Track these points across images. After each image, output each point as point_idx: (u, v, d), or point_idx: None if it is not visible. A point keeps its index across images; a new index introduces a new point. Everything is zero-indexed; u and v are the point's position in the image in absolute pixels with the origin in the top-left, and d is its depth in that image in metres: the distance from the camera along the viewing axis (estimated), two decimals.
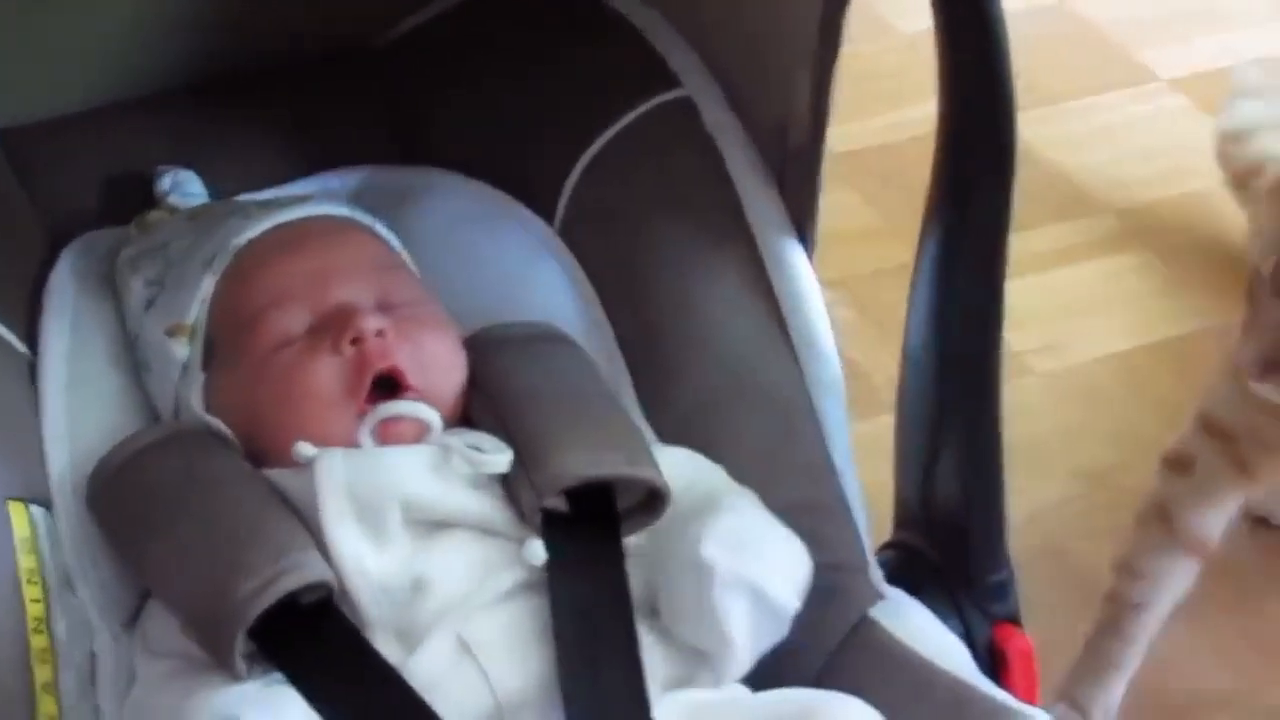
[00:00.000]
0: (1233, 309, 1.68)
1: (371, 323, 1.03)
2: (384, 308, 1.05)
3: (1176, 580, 1.38)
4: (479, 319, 1.11)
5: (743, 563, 0.95)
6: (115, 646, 0.99)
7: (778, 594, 0.95)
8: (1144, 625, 1.39)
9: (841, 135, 1.80)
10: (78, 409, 1.08)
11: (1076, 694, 1.40)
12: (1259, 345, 1.18)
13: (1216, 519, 1.36)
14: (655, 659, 0.96)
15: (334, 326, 1.03)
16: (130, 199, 1.17)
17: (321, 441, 1.01)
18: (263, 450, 1.04)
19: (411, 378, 1.03)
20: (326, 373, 1.03)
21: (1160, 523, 1.37)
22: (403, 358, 1.03)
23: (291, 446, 1.00)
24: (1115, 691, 1.40)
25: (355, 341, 1.02)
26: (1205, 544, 1.37)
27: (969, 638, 1.03)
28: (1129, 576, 1.38)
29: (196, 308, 1.08)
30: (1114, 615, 1.39)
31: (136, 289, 1.12)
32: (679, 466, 1.03)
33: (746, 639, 0.94)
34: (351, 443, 1.01)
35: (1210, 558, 1.37)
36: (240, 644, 0.91)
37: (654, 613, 1.00)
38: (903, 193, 1.02)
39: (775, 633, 0.96)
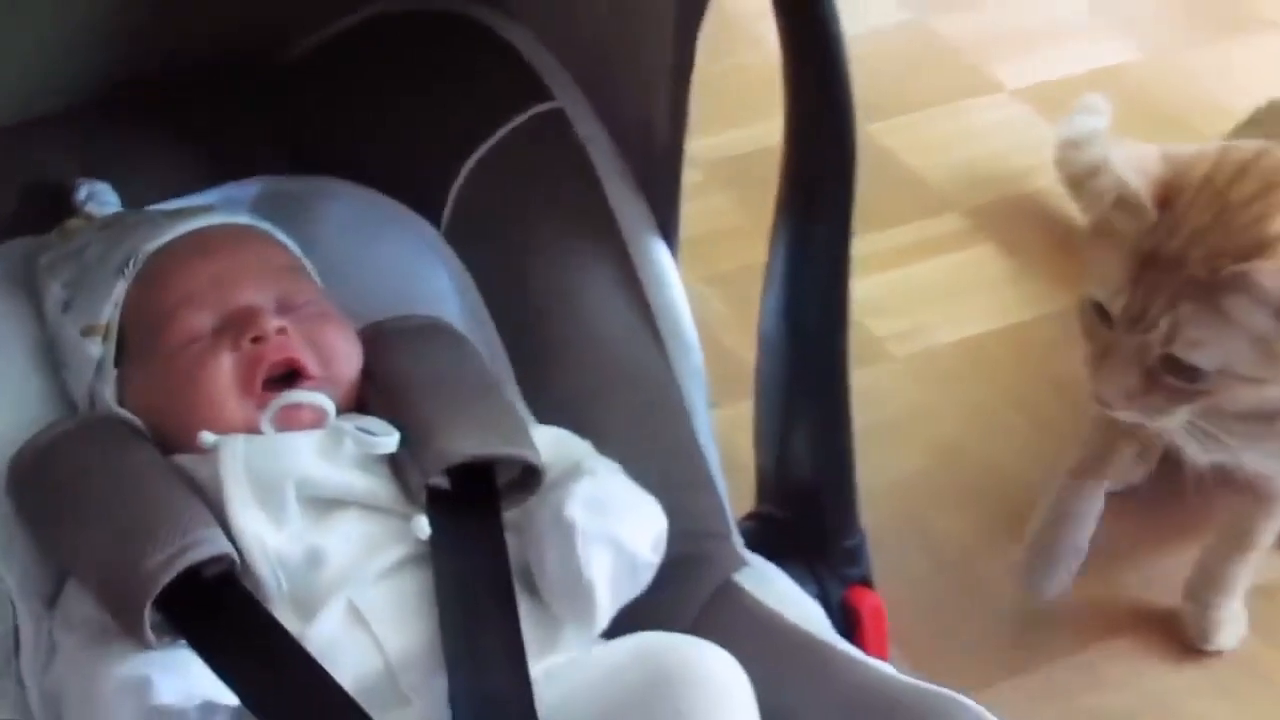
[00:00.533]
0: (1071, 296, 1.72)
1: (272, 322, 1.03)
2: (284, 307, 1.06)
3: (1085, 498, 1.42)
4: (372, 315, 1.12)
5: (603, 521, 0.95)
6: (36, 624, 0.98)
7: (637, 548, 0.96)
8: (1077, 526, 1.42)
9: (721, 143, 1.85)
10: None
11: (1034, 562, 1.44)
12: (1119, 380, 1.18)
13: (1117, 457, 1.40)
14: (530, 625, 0.97)
15: (236, 325, 1.04)
16: (47, 210, 1.16)
17: (225, 430, 1.01)
18: (171, 439, 1.03)
19: (311, 369, 1.04)
20: (228, 367, 1.03)
21: (1079, 464, 1.42)
22: (302, 351, 1.03)
23: (197, 435, 1.00)
24: (1061, 568, 1.43)
25: (256, 340, 1.03)
26: (1104, 473, 1.41)
27: (824, 599, 1.05)
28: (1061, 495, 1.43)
29: (110, 309, 1.07)
30: (1053, 513, 1.43)
31: (54, 291, 1.11)
32: (547, 444, 1.04)
33: (607, 591, 0.95)
34: (254, 430, 1.01)
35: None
36: (149, 614, 0.91)
37: (531, 584, 1.00)
38: (770, 195, 1.03)
39: (634, 587, 0.97)
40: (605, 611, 0.96)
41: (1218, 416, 1.24)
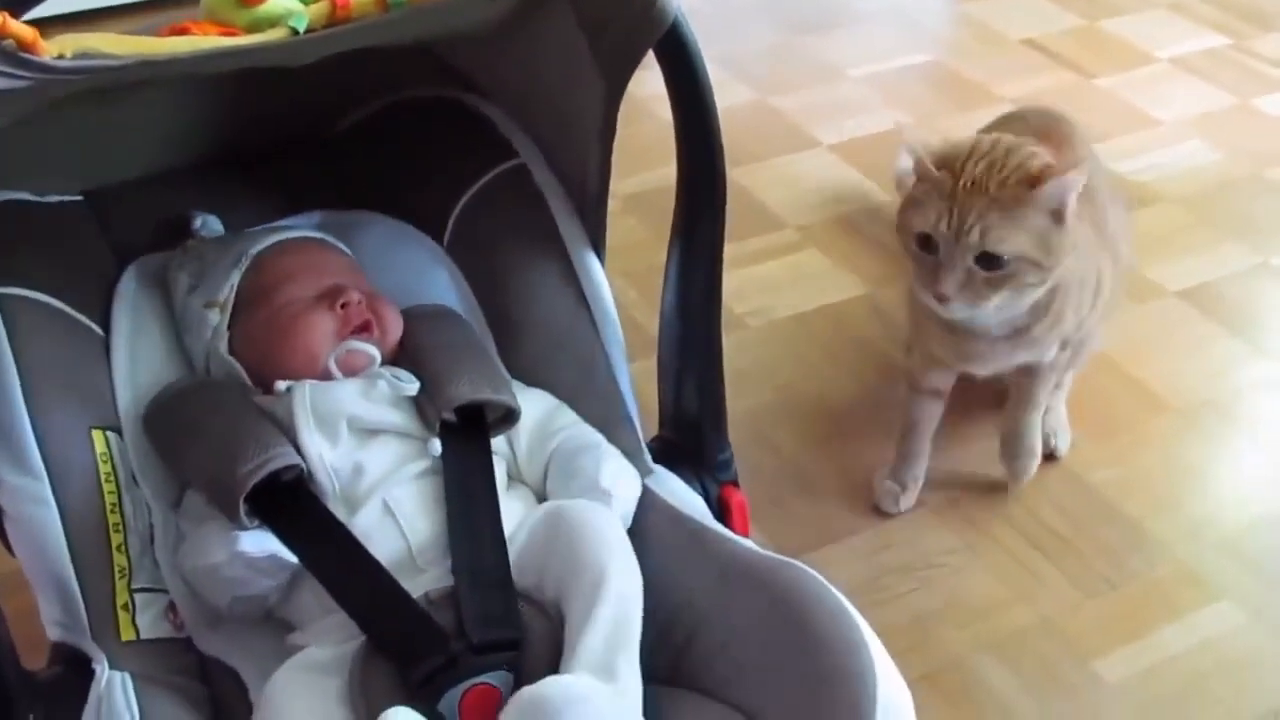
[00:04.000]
0: (869, 285, 1.74)
1: (355, 295, 1.04)
2: (356, 288, 1.06)
3: (931, 409, 1.41)
4: (399, 303, 1.10)
5: (622, 489, 0.99)
6: (165, 520, 0.97)
7: (628, 509, 0.99)
8: (922, 435, 1.41)
9: (633, 183, 1.85)
10: (136, 367, 1.05)
11: (897, 474, 1.42)
12: (953, 278, 1.17)
13: (939, 376, 1.38)
14: (513, 504, 0.98)
15: (331, 295, 1.04)
16: (174, 234, 1.14)
17: (299, 373, 1.01)
18: (261, 381, 1.03)
19: (374, 329, 1.04)
20: (325, 320, 1.03)
21: (910, 382, 1.41)
22: (369, 316, 1.04)
23: (275, 385, 1.00)
24: (918, 470, 1.42)
25: (344, 306, 1.03)
26: (938, 390, 1.40)
27: (705, 495, 1.05)
28: (905, 409, 1.41)
29: (227, 290, 1.06)
30: (906, 430, 1.41)
31: (182, 281, 1.09)
32: (543, 399, 1.06)
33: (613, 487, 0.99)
34: (324, 371, 1.01)
35: (945, 395, 1.41)
36: (243, 506, 0.91)
37: (510, 478, 1.02)
38: (668, 218, 1.03)
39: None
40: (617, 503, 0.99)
41: (982, 342, 1.28)
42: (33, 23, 0.73)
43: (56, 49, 0.74)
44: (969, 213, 1.15)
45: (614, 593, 0.86)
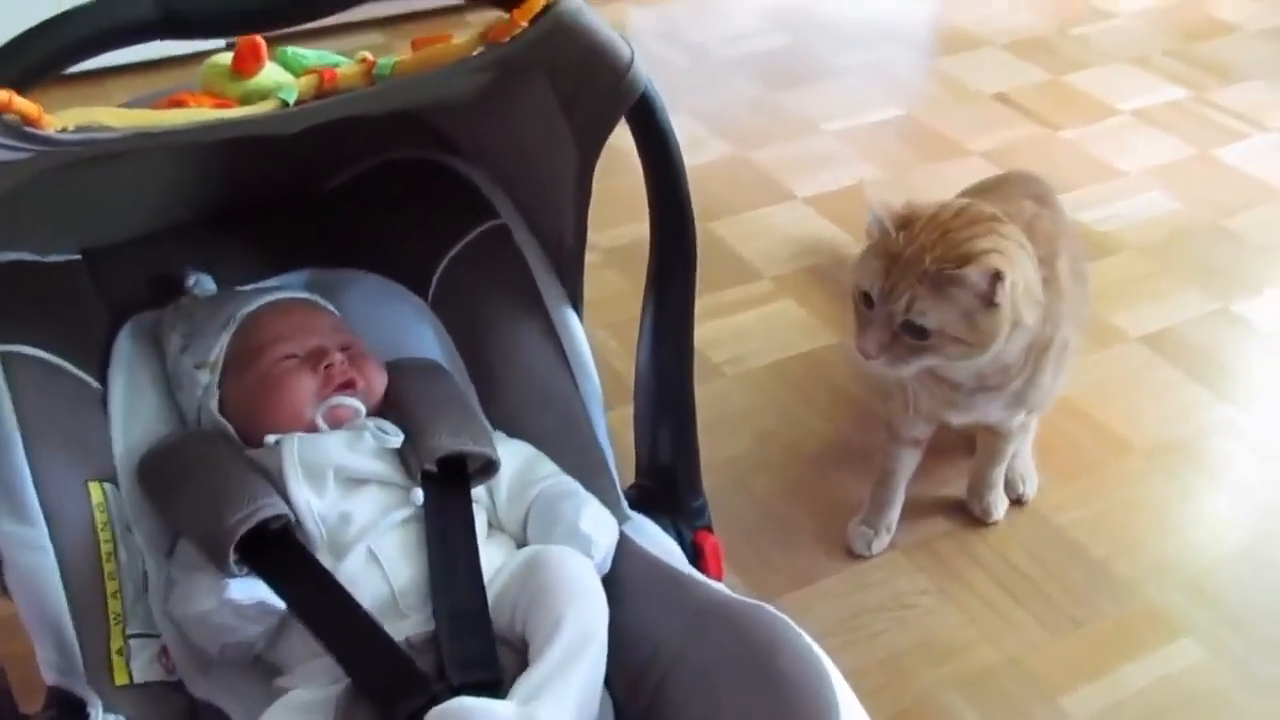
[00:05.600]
0: (842, 334, 1.74)
1: (338, 356, 1.06)
2: (340, 348, 1.07)
3: (909, 459, 1.42)
4: (385, 356, 1.12)
5: (601, 536, 1.00)
6: (158, 568, 0.98)
7: (607, 554, 1.01)
8: (898, 483, 1.42)
9: (610, 235, 1.86)
10: (131, 421, 1.07)
11: (870, 519, 1.43)
12: (876, 337, 1.19)
13: (919, 427, 1.40)
14: (492, 551, 0.99)
15: (315, 356, 1.06)
16: (167, 292, 1.15)
17: (288, 427, 1.02)
18: (249, 437, 1.04)
19: (358, 384, 1.05)
20: (309, 380, 1.04)
21: (890, 432, 1.42)
22: (355, 375, 1.05)
23: (264, 437, 1.01)
24: (891, 516, 1.43)
25: (328, 366, 1.05)
26: (917, 440, 1.41)
27: (680, 540, 1.06)
28: (884, 458, 1.42)
29: (216, 351, 1.07)
30: (882, 478, 1.42)
31: (174, 340, 1.10)
32: (522, 450, 1.07)
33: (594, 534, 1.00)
34: (310, 425, 1.02)
35: (923, 445, 1.42)
36: (232, 555, 0.92)
37: (490, 525, 1.03)
38: (644, 271, 1.05)
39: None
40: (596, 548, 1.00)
41: (961, 392, 1.29)
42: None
43: (60, 122, 0.77)
44: (901, 280, 1.17)
45: (569, 632, 0.88)
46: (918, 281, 1.16)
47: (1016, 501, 1.49)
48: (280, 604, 0.92)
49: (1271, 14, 2.79)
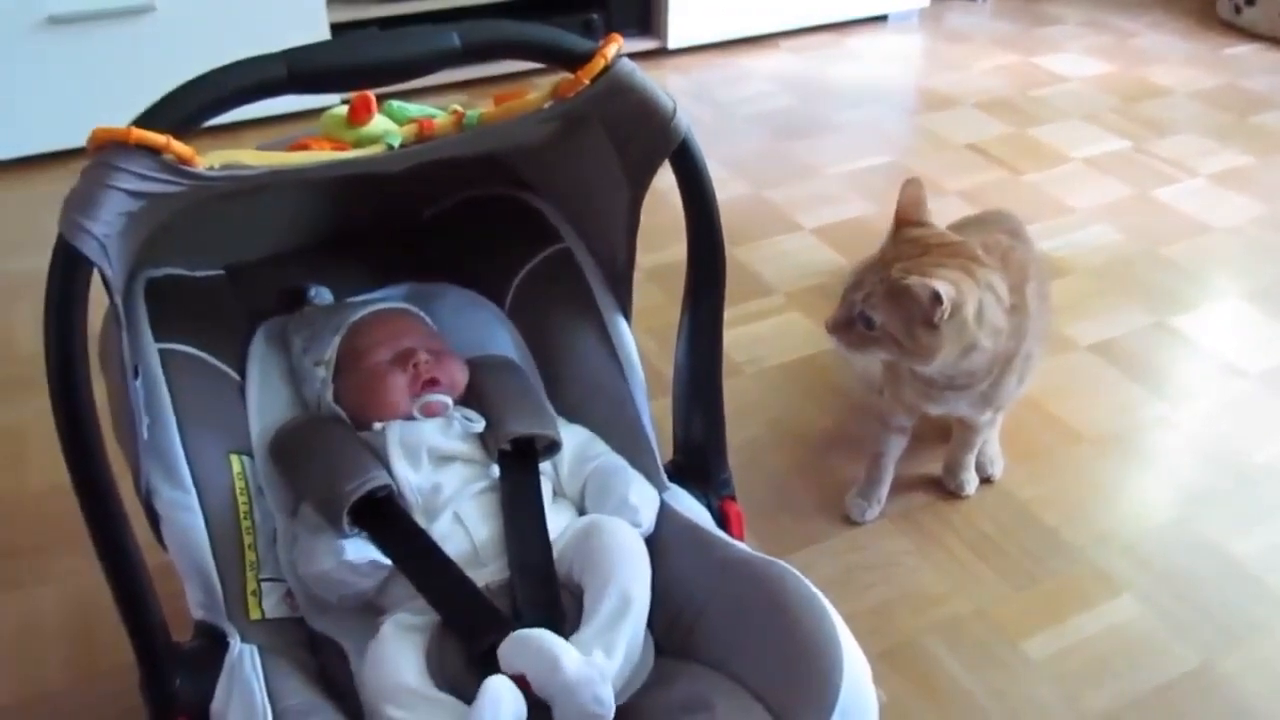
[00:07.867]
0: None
1: (424, 357, 1.05)
2: (428, 350, 1.06)
3: (897, 442, 1.40)
4: (469, 354, 1.12)
5: (645, 506, 0.99)
6: (285, 526, 0.99)
7: (650, 520, 0.99)
8: (888, 462, 1.40)
9: (653, 258, 1.85)
10: (264, 406, 1.07)
11: (864, 492, 1.40)
12: (839, 316, 1.19)
13: (904, 417, 1.37)
14: (556, 514, 0.98)
15: (405, 358, 1.05)
16: (292, 302, 1.16)
17: (391, 414, 1.01)
18: (360, 422, 1.04)
19: (443, 381, 1.05)
20: (400, 377, 1.04)
21: (880, 421, 1.40)
22: (438, 372, 1.05)
23: (372, 423, 1.01)
24: (882, 490, 1.41)
25: (415, 365, 1.04)
26: (903, 427, 1.39)
27: (709, 507, 1.05)
28: (875, 442, 1.40)
29: (330, 351, 1.08)
30: (874, 458, 1.40)
31: (296, 342, 1.11)
32: (581, 433, 1.06)
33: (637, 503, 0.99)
34: (407, 414, 1.02)
35: (908, 432, 1.40)
36: (345, 518, 0.92)
37: (555, 494, 1.02)
38: (682, 286, 1.04)
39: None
40: (642, 516, 0.99)
41: (934, 388, 1.27)
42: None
43: (207, 162, 0.77)
44: (869, 276, 1.15)
45: (616, 591, 0.88)
46: (880, 281, 1.14)
47: (986, 480, 1.47)
48: (387, 561, 0.92)
49: (1201, 79, 2.76)
